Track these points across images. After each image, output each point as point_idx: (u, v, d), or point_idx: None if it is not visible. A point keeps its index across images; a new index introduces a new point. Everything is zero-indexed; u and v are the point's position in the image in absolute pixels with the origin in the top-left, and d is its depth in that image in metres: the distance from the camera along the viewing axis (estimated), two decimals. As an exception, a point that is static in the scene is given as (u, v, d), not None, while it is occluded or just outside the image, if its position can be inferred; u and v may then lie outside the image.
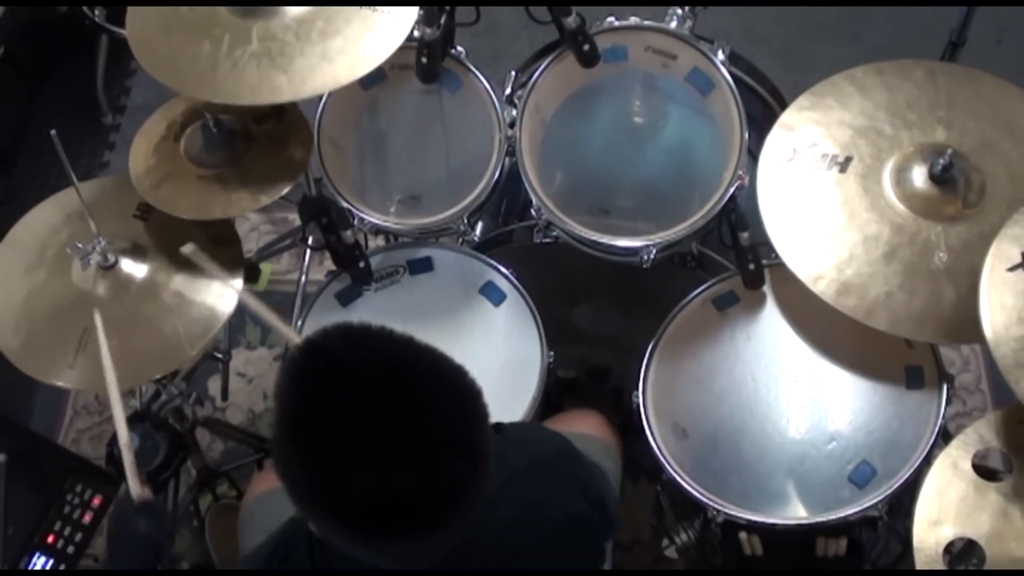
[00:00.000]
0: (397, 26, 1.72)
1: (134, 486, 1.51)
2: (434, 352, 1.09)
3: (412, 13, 1.73)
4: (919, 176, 1.67)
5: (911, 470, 1.67)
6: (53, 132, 1.63)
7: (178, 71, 1.69)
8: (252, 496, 1.87)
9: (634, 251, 1.84)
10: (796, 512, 1.71)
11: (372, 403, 1.03)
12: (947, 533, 1.47)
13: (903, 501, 1.71)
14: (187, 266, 1.80)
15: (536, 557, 1.29)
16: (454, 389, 1.08)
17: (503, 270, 1.95)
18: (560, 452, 1.41)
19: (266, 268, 2.71)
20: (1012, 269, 1.46)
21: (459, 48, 1.94)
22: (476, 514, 1.09)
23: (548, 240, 1.91)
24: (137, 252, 1.80)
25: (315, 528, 1.10)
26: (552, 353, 1.88)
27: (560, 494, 1.33)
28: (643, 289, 1.99)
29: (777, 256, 1.69)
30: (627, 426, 1.87)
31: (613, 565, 1.82)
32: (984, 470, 1.51)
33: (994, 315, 1.44)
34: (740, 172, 1.81)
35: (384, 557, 1.11)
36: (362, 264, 1.93)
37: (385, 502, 1.02)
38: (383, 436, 1.02)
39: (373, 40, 1.70)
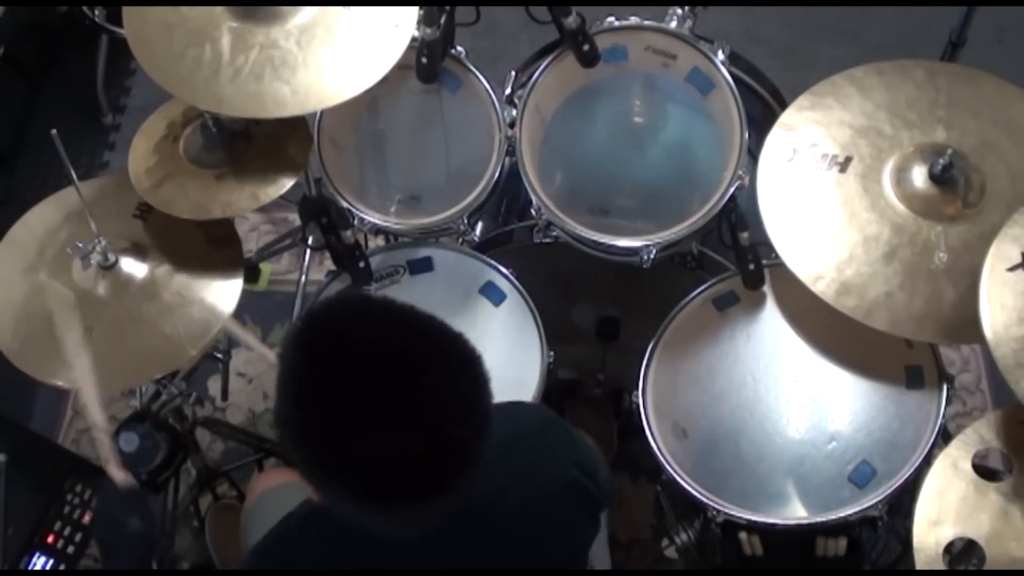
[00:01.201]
0: (399, 33, 1.72)
1: (116, 473, 1.48)
2: (435, 319, 1.11)
3: (411, 16, 1.74)
4: (919, 176, 1.67)
5: (911, 470, 1.67)
6: (54, 132, 1.63)
7: (179, 76, 1.69)
8: (253, 496, 1.87)
9: (634, 251, 1.84)
10: (796, 512, 1.71)
11: (378, 367, 1.04)
12: (947, 533, 1.47)
13: (903, 501, 1.71)
14: (187, 266, 1.80)
15: (531, 519, 1.29)
16: (457, 354, 1.10)
17: (503, 270, 1.95)
18: (548, 421, 1.42)
19: (266, 268, 2.71)
20: (1012, 269, 1.46)
21: (459, 48, 1.94)
22: (476, 476, 1.11)
23: (548, 240, 1.91)
24: (137, 252, 1.80)
25: (318, 493, 1.11)
26: (552, 353, 1.88)
27: (551, 460, 1.34)
28: (643, 289, 1.99)
29: (777, 256, 1.69)
30: (627, 426, 1.87)
31: (613, 565, 1.82)
32: (984, 470, 1.51)
33: (994, 315, 1.44)
34: (740, 172, 1.81)
35: (385, 519, 1.12)
36: (362, 264, 1.93)
37: (392, 466, 1.04)
38: (390, 400, 1.03)
39: (375, 49, 1.70)
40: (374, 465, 1.04)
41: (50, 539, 1.84)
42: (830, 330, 1.77)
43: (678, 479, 1.73)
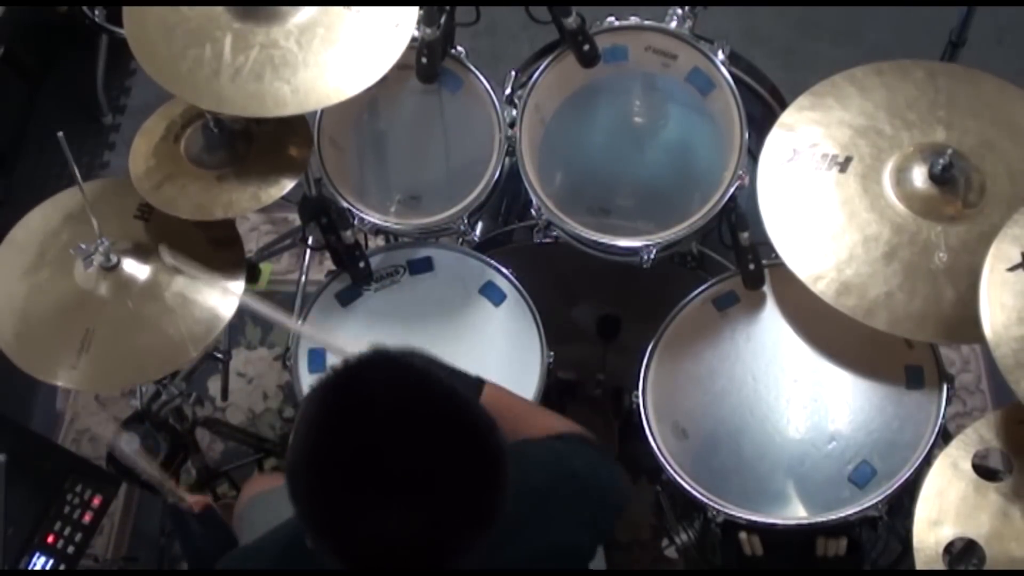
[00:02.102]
0: (399, 33, 1.72)
1: (190, 501, 1.56)
2: (471, 407, 1.08)
3: (411, 16, 1.74)
4: (919, 176, 1.67)
5: (911, 470, 1.67)
6: (60, 134, 1.64)
7: (180, 76, 1.69)
8: (246, 498, 1.87)
9: (634, 251, 1.84)
10: (796, 512, 1.71)
11: (401, 452, 1.02)
12: (947, 533, 1.47)
13: (903, 501, 1.71)
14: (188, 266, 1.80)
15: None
16: (485, 453, 1.06)
17: (503, 270, 1.95)
18: (558, 476, 1.35)
19: (266, 268, 2.71)
20: (1012, 269, 1.46)
21: (459, 48, 1.94)
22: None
23: (548, 240, 1.91)
24: (139, 252, 1.80)
25: (310, 542, 1.10)
26: (552, 353, 1.88)
27: (552, 523, 1.30)
28: (643, 289, 1.99)
29: (777, 256, 1.70)
30: (627, 426, 1.87)
31: (613, 565, 1.82)
32: (984, 470, 1.51)
33: (994, 315, 1.44)
34: (740, 172, 1.81)
35: None
36: (362, 264, 1.93)
37: (380, 544, 1.03)
38: (406, 488, 1.01)
39: (375, 49, 1.70)
40: (369, 544, 1.03)
41: (50, 539, 1.83)
42: (830, 330, 1.77)
43: (678, 479, 1.73)
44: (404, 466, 1.01)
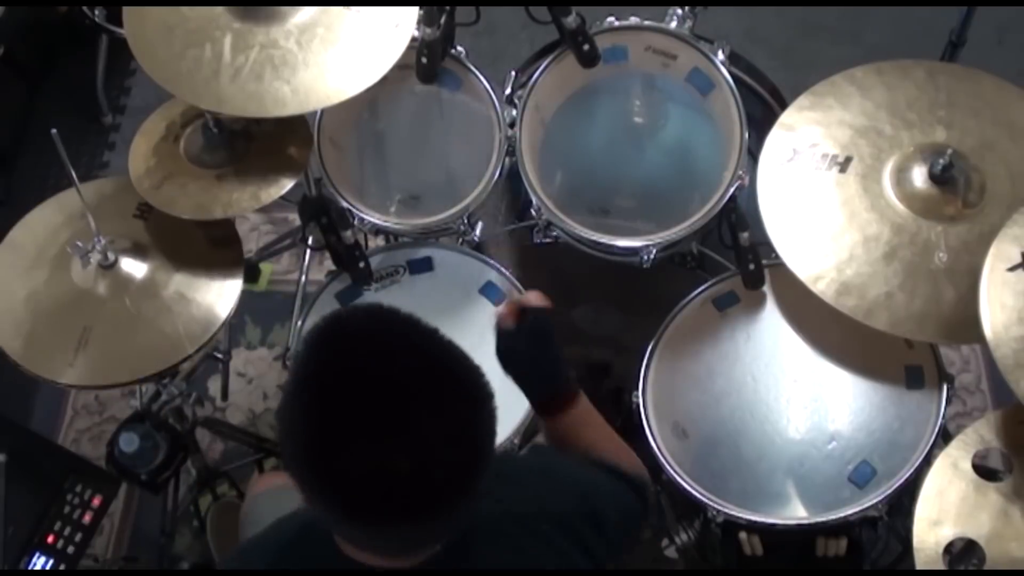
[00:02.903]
0: (399, 33, 1.72)
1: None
2: (455, 348, 1.11)
3: (411, 16, 1.74)
4: (919, 176, 1.67)
5: (911, 470, 1.67)
6: (54, 131, 1.63)
7: (180, 76, 1.69)
8: (253, 495, 1.87)
9: (634, 251, 1.84)
10: (796, 512, 1.71)
11: (384, 384, 1.04)
12: (947, 533, 1.47)
13: (903, 501, 1.71)
14: (187, 266, 1.80)
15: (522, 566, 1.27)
16: (468, 386, 1.09)
17: (503, 270, 1.95)
18: (579, 512, 1.33)
19: (266, 268, 2.71)
20: (1012, 269, 1.46)
21: (459, 48, 1.94)
22: (465, 512, 1.10)
23: (548, 240, 1.91)
24: (137, 251, 1.80)
25: (307, 503, 1.10)
26: (552, 353, 1.87)
27: (558, 554, 1.29)
28: (643, 289, 1.99)
29: (777, 256, 1.69)
30: (627, 426, 1.87)
31: (613, 565, 1.82)
32: (984, 470, 1.51)
33: (994, 315, 1.44)
34: (740, 172, 1.81)
35: (366, 538, 1.12)
36: (362, 264, 1.93)
37: (375, 483, 1.03)
38: (387, 418, 1.03)
39: (375, 49, 1.70)
40: (354, 478, 1.03)
41: (50, 539, 1.83)
42: (830, 330, 1.77)
43: (678, 479, 1.73)
44: (387, 399, 1.03)
